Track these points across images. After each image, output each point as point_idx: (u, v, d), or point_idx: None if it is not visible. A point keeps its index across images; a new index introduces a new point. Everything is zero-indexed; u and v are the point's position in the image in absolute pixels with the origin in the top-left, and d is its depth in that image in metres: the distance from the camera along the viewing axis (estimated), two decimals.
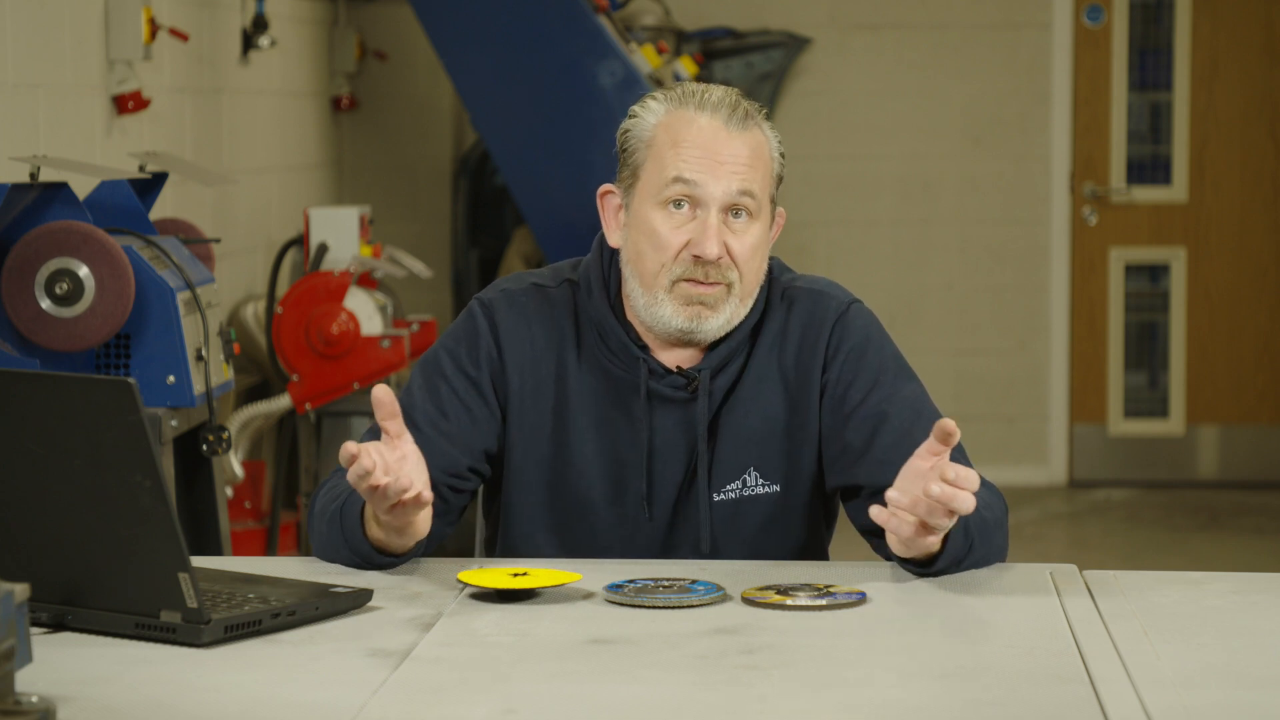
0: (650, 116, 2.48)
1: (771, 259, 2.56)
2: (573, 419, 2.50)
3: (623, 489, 2.49)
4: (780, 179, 2.52)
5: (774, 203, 2.51)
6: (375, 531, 2.32)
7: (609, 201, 2.53)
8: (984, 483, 2.30)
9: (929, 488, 2.15)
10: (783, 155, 2.52)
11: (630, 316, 2.50)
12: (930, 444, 2.21)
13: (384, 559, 2.35)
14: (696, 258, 2.41)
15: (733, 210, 2.43)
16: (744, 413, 2.49)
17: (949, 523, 2.20)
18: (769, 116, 2.51)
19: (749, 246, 2.44)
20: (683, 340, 2.47)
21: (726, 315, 2.45)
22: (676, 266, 2.43)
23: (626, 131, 2.50)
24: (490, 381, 2.50)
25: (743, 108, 2.46)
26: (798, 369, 2.50)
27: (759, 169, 2.45)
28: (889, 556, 2.38)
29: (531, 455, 2.50)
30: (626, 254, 2.49)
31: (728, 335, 2.49)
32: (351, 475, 2.19)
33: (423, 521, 2.31)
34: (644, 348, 2.49)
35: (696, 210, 2.43)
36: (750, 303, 2.48)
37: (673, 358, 2.50)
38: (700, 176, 2.42)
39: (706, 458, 2.48)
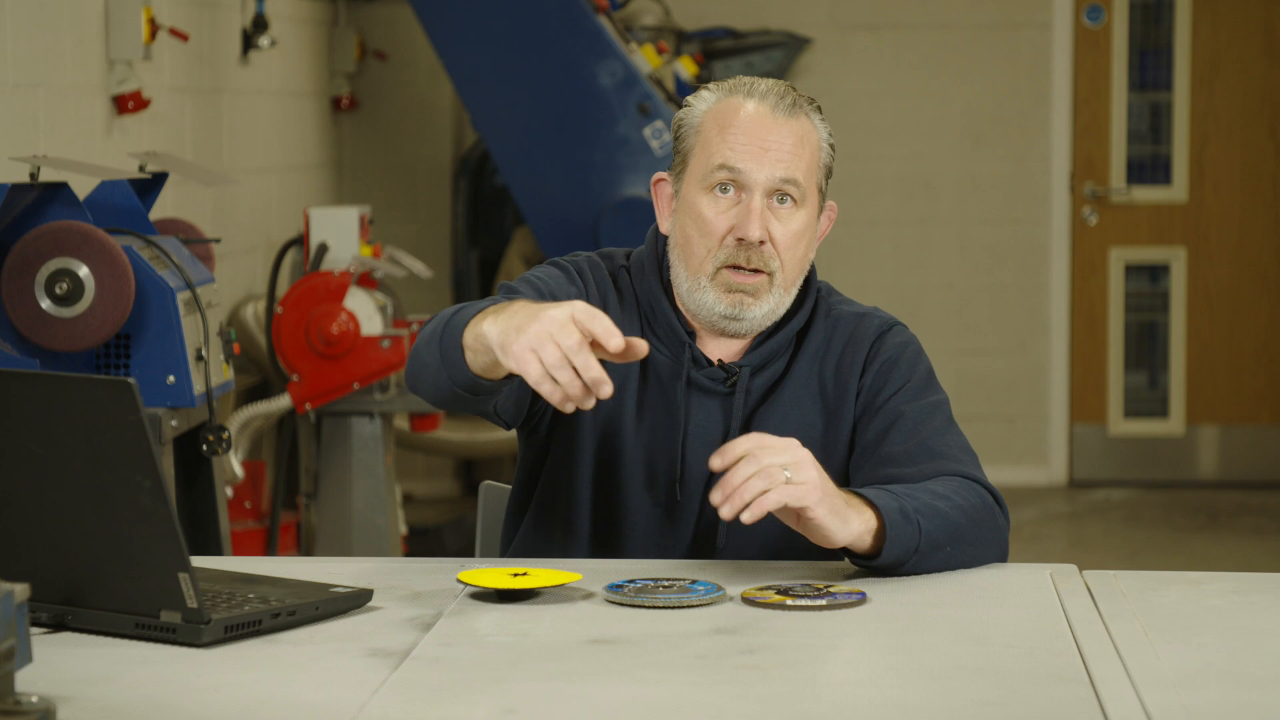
0: (701, 105, 2.52)
1: (820, 282, 2.59)
2: (623, 397, 2.50)
3: (655, 475, 2.51)
4: (830, 170, 2.54)
5: (823, 194, 2.53)
6: (471, 358, 2.29)
7: (662, 190, 2.56)
8: (961, 483, 2.36)
9: (711, 462, 2.22)
10: (833, 147, 2.54)
11: (679, 304, 2.53)
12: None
13: (478, 381, 2.29)
14: (740, 240, 2.44)
15: (777, 195, 2.46)
16: (781, 417, 2.51)
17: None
18: (819, 110, 2.52)
19: (792, 233, 2.46)
20: (727, 330, 2.49)
21: (770, 305, 2.47)
22: (721, 252, 2.45)
23: (679, 121, 2.54)
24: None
25: (791, 96, 2.49)
26: (837, 382, 2.52)
27: (804, 156, 2.47)
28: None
29: (585, 418, 2.50)
30: (675, 239, 2.52)
31: (772, 334, 2.52)
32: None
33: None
34: (691, 334, 2.51)
35: (741, 194, 2.46)
36: (793, 293, 2.50)
37: (717, 349, 2.52)
38: (745, 164, 2.44)
39: None
